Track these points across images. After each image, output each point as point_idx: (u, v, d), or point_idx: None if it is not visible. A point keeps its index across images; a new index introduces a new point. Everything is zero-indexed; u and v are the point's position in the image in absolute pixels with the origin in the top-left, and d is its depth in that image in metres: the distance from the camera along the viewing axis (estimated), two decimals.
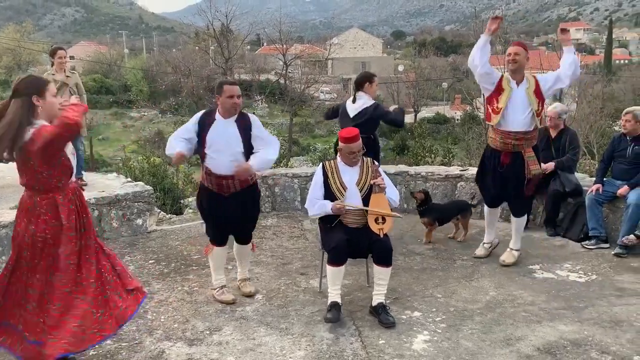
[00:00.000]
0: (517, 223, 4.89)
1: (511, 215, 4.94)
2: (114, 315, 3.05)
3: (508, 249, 4.93)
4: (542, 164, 5.71)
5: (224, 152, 3.83)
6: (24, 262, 2.97)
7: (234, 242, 4.21)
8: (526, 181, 4.67)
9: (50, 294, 2.95)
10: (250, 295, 4.22)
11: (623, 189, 5.18)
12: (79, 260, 3.02)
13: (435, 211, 5.52)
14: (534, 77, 4.63)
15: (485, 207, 5.09)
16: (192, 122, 3.95)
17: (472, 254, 5.05)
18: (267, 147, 3.91)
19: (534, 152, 4.68)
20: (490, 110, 4.63)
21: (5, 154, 2.84)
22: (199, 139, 3.89)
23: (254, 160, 3.82)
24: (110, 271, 3.13)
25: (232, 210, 3.93)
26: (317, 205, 3.93)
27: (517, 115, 4.53)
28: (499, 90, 4.57)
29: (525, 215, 4.95)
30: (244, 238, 4.19)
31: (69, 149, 3.03)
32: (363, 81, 5.22)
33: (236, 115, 3.90)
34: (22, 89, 2.87)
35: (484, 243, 5.10)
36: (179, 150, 3.80)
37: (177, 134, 3.99)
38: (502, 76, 4.62)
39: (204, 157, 3.91)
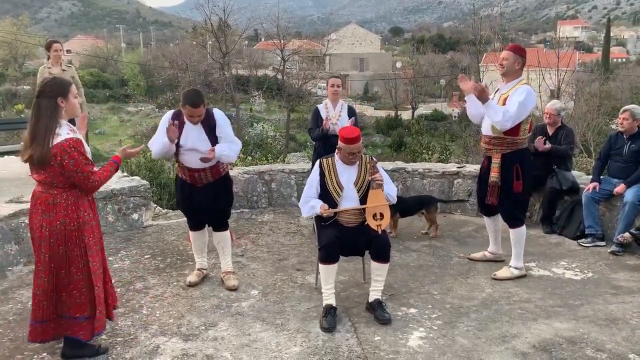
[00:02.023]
0: (512, 235, 4.49)
1: None
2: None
3: (507, 265, 4.58)
4: (540, 145, 5.63)
5: (192, 152, 4.01)
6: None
7: (213, 232, 4.38)
8: (489, 187, 4.43)
9: None
10: (233, 289, 4.24)
11: (620, 187, 5.19)
12: None
13: (397, 204, 5.52)
14: (524, 85, 4.30)
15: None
16: (164, 124, 4.02)
17: (468, 254, 4.98)
18: (231, 144, 4.06)
19: (502, 160, 4.34)
20: None
21: (40, 153, 2.96)
22: None
23: (219, 147, 3.97)
24: None
25: (205, 201, 4.16)
26: (308, 207, 3.93)
27: (485, 118, 4.43)
28: None
29: (519, 229, 4.46)
30: (219, 225, 4.34)
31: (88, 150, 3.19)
32: None
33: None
34: (47, 91, 3.06)
35: (487, 250, 4.91)
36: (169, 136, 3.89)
37: (159, 134, 4.04)
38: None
39: (178, 153, 4.08)
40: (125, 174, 7.15)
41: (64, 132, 3.00)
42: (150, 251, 5.17)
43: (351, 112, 5.57)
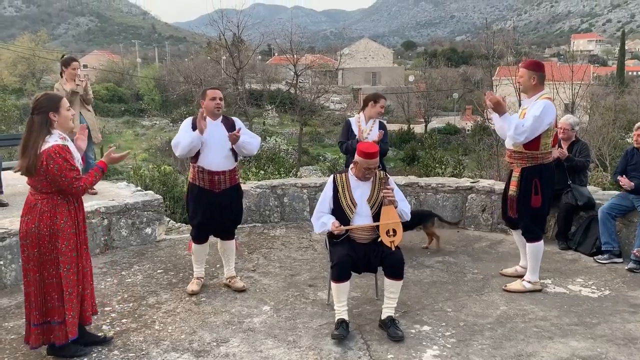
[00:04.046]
0: (528, 249, 4.51)
1: None
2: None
3: (520, 279, 4.59)
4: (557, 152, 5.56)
5: (215, 150, 4.23)
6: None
7: (219, 241, 4.53)
8: (509, 201, 4.48)
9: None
10: (242, 290, 4.48)
11: (625, 180, 5.11)
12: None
13: None
14: (543, 99, 4.32)
15: None
16: (188, 127, 4.24)
17: (500, 269, 4.93)
18: (252, 138, 4.44)
19: (522, 174, 4.36)
20: None
21: (27, 163, 3.15)
22: None
23: (244, 136, 4.27)
24: None
25: (221, 207, 4.31)
26: (320, 223, 3.92)
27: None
28: None
29: (536, 243, 4.45)
30: (229, 234, 4.53)
31: (78, 157, 3.34)
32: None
33: (221, 117, 4.34)
34: (39, 107, 3.23)
35: (519, 264, 4.86)
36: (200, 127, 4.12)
37: (183, 132, 4.24)
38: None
39: (197, 156, 4.26)
40: (139, 188, 7.20)
41: (52, 140, 3.17)
42: (162, 266, 5.19)
43: (382, 127, 5.56)
